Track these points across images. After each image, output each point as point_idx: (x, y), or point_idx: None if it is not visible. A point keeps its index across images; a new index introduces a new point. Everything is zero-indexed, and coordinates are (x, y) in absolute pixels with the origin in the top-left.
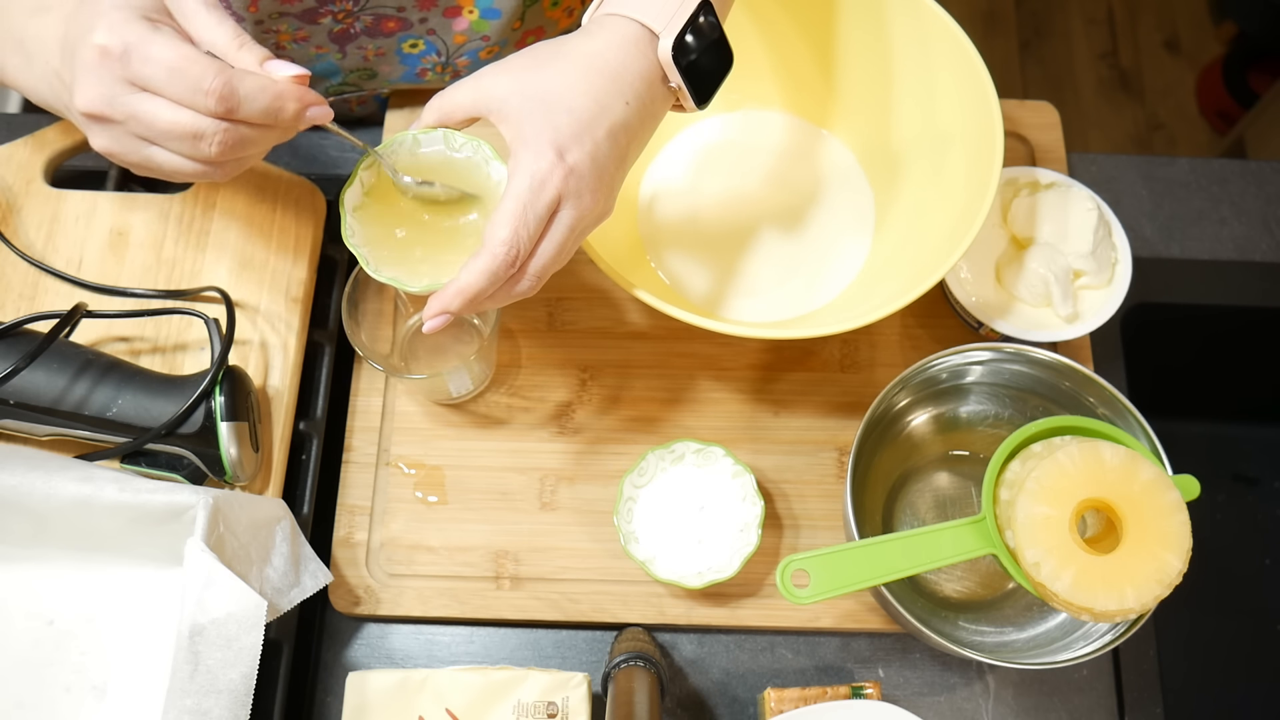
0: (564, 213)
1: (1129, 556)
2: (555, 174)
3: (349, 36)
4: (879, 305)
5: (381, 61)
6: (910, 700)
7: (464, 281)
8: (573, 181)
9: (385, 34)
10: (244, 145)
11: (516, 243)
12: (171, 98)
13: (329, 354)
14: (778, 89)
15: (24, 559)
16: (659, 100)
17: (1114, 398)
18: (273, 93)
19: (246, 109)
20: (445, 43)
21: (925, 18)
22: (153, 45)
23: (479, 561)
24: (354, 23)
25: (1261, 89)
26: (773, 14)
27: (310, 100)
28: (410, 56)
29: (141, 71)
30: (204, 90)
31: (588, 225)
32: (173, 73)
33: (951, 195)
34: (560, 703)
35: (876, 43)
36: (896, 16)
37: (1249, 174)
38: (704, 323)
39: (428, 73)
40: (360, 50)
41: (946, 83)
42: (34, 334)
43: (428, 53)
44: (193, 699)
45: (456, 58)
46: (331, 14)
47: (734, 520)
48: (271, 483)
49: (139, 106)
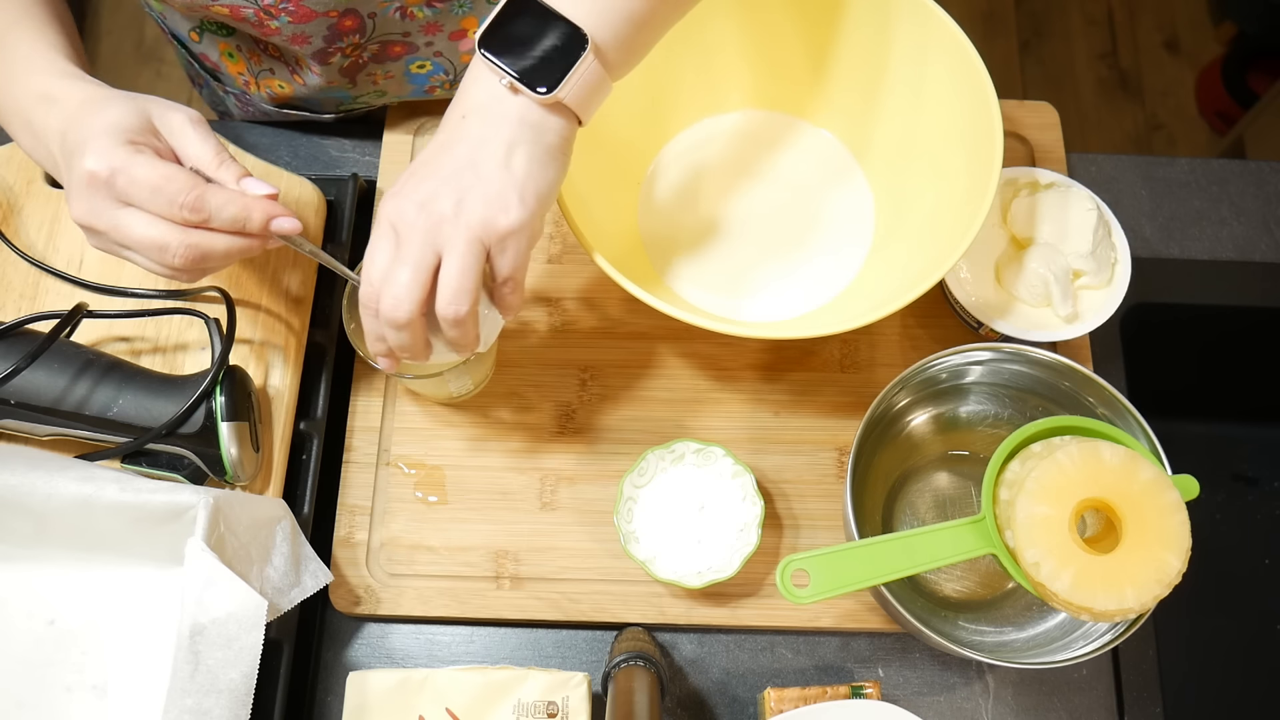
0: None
1: (1128, 556)
2: (385, 205)
3: (358, 67)
4: (879, 305)
5: (390, 83)
6: (910, 700)
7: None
8: (395, 204)
9: (392, 58)
10: (206, 259)
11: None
12: (152, 211)
13: (329, 354)
14: (778, 90)
15: (25, 559)
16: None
17: (1113, 398)
18: (240, 204)
19: (217, 218)
20: (453, 63)
21: (925, 18)
22: (136, 167)
23: (479, 561)
24: (361, 54)
25: (1261, 89)
26: (773, 15)
27: (275, 213)
28: (418, 76)
29: (127, 190)
30: (179, 204)
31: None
32: (154, 190)
33: (951, 195)
34: (560, 702)
35: (876, 43)
36: (896, 17)
37: (1249, 174)
38: (704, 323)
39: (436, 90)
40: (370, 77)
41: (946, 83)
42: (35, 334)
43: (435, 72)
44: (193, 698)
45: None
46: (341, 50)
47: (734, 520)
48: (272, 483)
49: (119, 220)
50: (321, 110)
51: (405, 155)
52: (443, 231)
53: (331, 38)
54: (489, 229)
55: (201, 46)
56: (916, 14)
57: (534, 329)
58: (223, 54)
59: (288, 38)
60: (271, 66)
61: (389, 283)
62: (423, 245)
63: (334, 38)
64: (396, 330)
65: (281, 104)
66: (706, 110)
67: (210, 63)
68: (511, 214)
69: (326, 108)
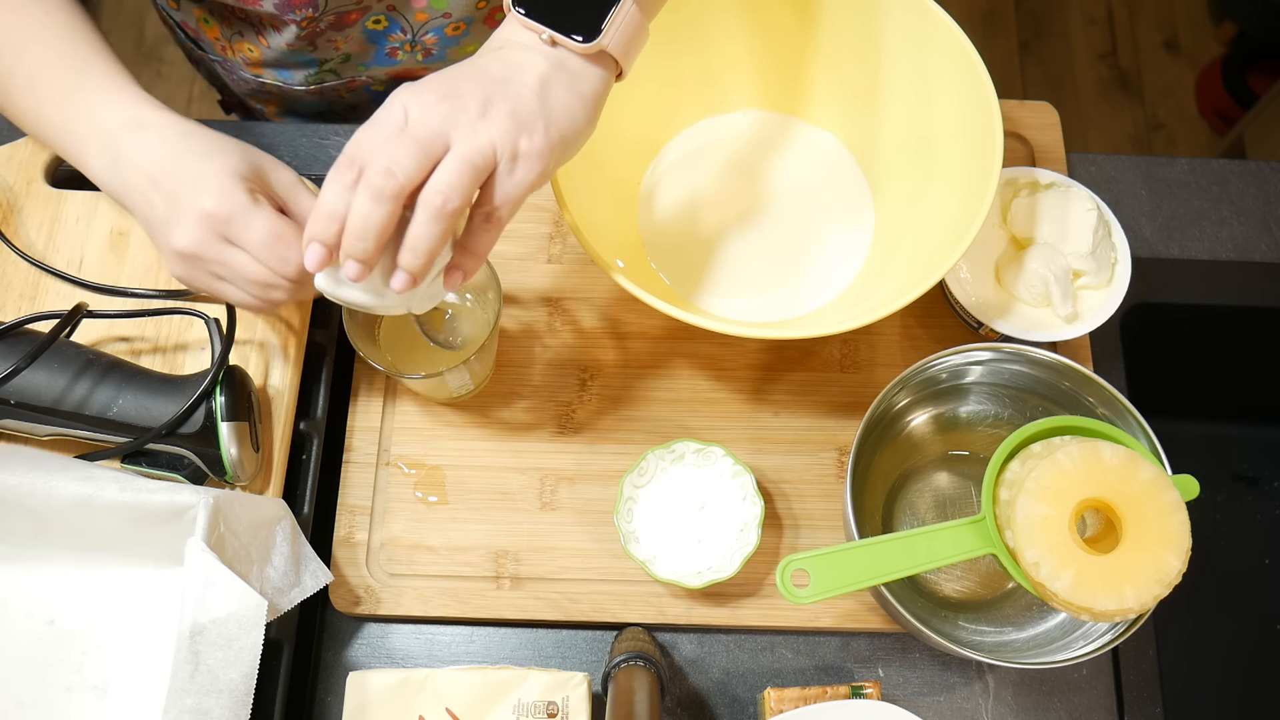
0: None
1: (1128, 556)
2: (399, 91)
3: (317, 33)
4: (879, 305)
5: (351, 43)
6: (910, 700)
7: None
8: (414, 88)
9: (350, 24)
10: (299, 294)
11: (353, 148)
12: (258, 259)
13: (329, 354)
14: (778, 90)
15: (25, 559)
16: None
17: (1113, 398)
18: None
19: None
20: (408, 20)
21: (925, 18)
22: (254, 216)
23: (479, 561)
24: (318, 24)
25: (1261, 89)
26: (772, 15)
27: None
28: (376, 34)
29: (241, 235)
30: (288, 261)
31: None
32: (266, 244)
33: (951, 195)
34: (560, 702)
35: (876, 43)
36: (896, 16)
37: (1248, 174)
38: (704, 323)
39: (398, 52)
40: (330, 42)
41: (946, 83)
42: (35, 334)
43: (392, 29)
44: (193, 699)
45: (422, 35)
46: (295, 23)
47: (734, 520)
48: (272, 483)
49: (230, 257)
50: (294, 79)
51: None
52: (459, 123)
53: (283, 7)
54: (507, 142)
55: (181, 14)
56: (916, 14)
57: (534, 329)
58: (199, 20)
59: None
60: (240, 29)
61: (386, 150)
62: (435, 131)
63: (285, 8)
64: (374, 203)
65: (256, 69)
66: (706, 110)
67: (191, 30)
68: (536, 139)
69: (297, 75)
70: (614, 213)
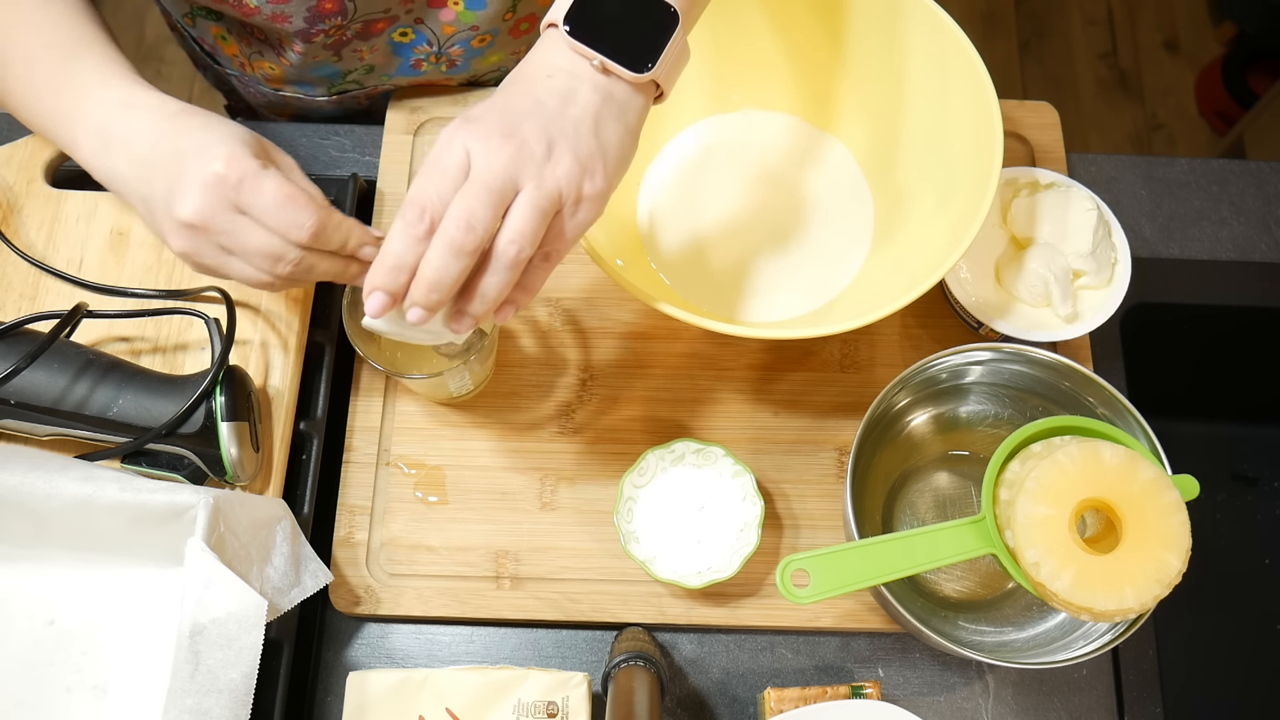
0: (478, 161)
1: (1128, 556)
2: (457, 130)
3: (343, 43)
4: (879, 305)
5: (376, 55)
6: (910, 700)
7: (383, 249)
8: (473, 128)
9: (376, 34)
10: (310, 272)
11: (422, 197)
12: (269, 226)
13: (329, 354)
14: (778, 90)
15: (25, 559)
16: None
17: (1113, 398)
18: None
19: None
20: (434, 33)
21: (924, 18)
22: (265, 180)
23: (479, 561)
24: (345, 33)
25: (1261, 89)
26: (771, 16)
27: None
28: (402, 46)
29: (251, 201)
30: (300, 226)
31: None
32: (278, 206)
33: (951, 195)
34: (560, 702)
35: (874, 44)
36: (894, 17)
37: (1248, 174)
38: (704, 323)
39: (423, 64)
40: (355, 53)
41: (946, 83)
42: (35, 334)
43: (418, 42)
44: (193, 699)
45: (449, 47)
46: (324, 32)
47: (734, 520)
48: (272, 483)
49: (239, 227)
50: (315, 92)
51: (405, 155)
52: (527, 169)
53: (312, 19)
54: (573, 186)
55: (197, 30)
56: (915, 14)
57: (534, 329)
58: (215, 37)
59: (268, 17)
60: (259, 49)
61: (463, 202)
62: (504, 177)
63: (315, 19)
64: (453, 257)
65: (276, 84)
66: (706, 110)
67: (207, 46)
68: (598, 181)
69: (319, 89)
70: (614, 212)
